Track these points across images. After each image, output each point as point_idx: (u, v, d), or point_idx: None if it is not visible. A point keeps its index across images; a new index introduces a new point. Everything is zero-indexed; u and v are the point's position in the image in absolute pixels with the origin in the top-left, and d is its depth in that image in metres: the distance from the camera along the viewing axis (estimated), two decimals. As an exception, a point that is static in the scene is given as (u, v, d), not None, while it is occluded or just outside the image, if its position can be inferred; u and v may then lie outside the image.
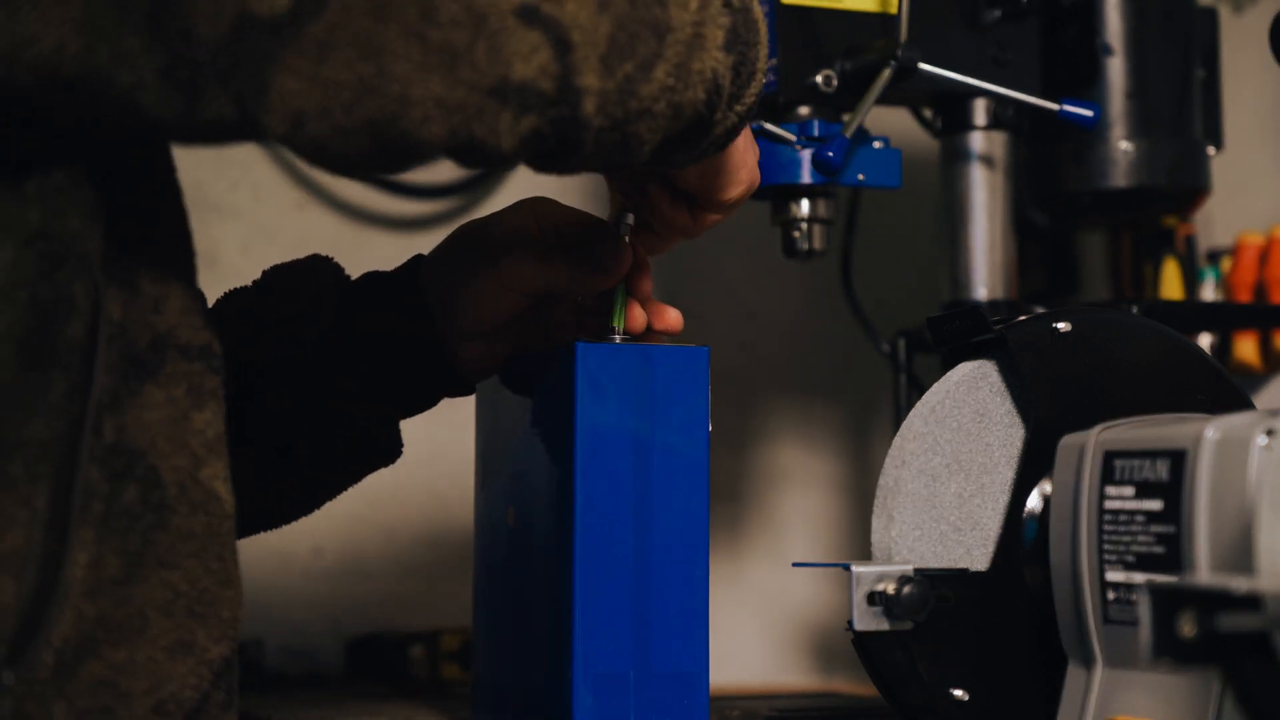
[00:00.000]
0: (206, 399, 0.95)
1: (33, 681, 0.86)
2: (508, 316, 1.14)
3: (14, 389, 0.86)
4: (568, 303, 1.15)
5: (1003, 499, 1.05)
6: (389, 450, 1.19)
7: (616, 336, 1.09)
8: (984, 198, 1.40)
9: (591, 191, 1.67)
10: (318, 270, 1.18)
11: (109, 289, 0.91)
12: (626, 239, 1.10)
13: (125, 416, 0.91)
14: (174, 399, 0.93)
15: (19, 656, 0.86)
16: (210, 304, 1.19)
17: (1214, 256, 1.66)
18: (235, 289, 1.20)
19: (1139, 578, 0.93)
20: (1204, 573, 0.87)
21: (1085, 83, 1.43)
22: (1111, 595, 0.94)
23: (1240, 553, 0.85)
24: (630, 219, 1.10)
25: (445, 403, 1.21)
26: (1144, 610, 0.73)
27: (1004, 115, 1.40)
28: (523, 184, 1.79)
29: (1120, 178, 1.42)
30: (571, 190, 1.76)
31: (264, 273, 1.19)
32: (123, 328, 0.92)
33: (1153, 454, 0.92)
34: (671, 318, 1.13)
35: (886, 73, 1.29)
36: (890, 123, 1.46)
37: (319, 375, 1.15)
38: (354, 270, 1.69)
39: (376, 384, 1.16)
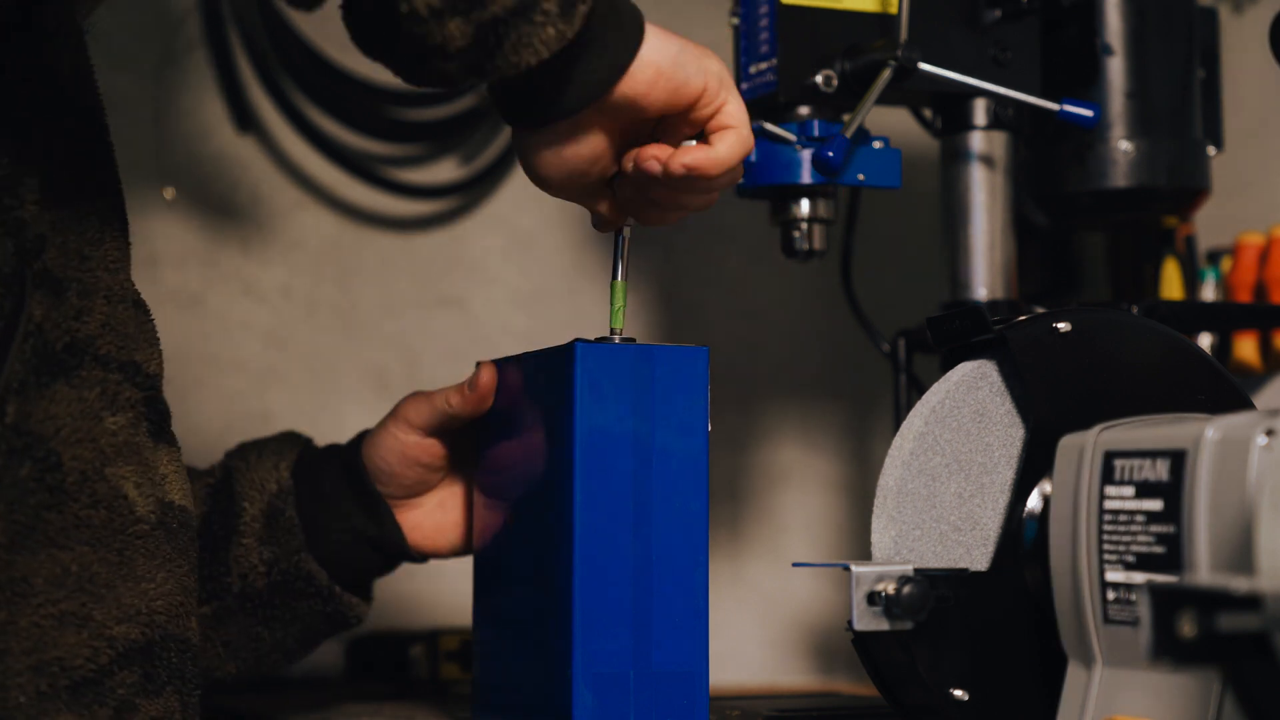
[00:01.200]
0: (122, 406, 1.02)
1: None
2: (416, 472, 1.20)
3: None
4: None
5: (1003, 499, 1.05)
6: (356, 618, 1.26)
7: (616, 337, 1.10)
8: (984, 198, 1.40)
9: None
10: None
11: (35, 294, 0.98)
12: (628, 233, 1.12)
13: (31, 405, 0.97)
14: (84, 399, 1.00)
15: None
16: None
17: (1214, 256, 1.66)
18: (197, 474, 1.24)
19: (1139, 578, 0.92)
20: (1204, 573, 0.87)
21: (1085, 83, 1.42)
22: (1111, 595, 0.94)
23: (1240, 553, 0.84)
24: (627, 230, 1.12)
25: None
26: (1144, 610, 0.73)
27: (1004, 115, 1.40)
28: (523, 185, 1.79)
29: (1120, 178, 1.42)
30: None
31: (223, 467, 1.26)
32: (40, 328, 0.99)
33: (1153, 454, 0.92)
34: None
35: (886, 73, 1.29)
36: (890, 123, 1.46)
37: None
38: (353, 271, 1.70)
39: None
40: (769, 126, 1.32)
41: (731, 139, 1.06)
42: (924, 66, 1.30)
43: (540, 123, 1.04)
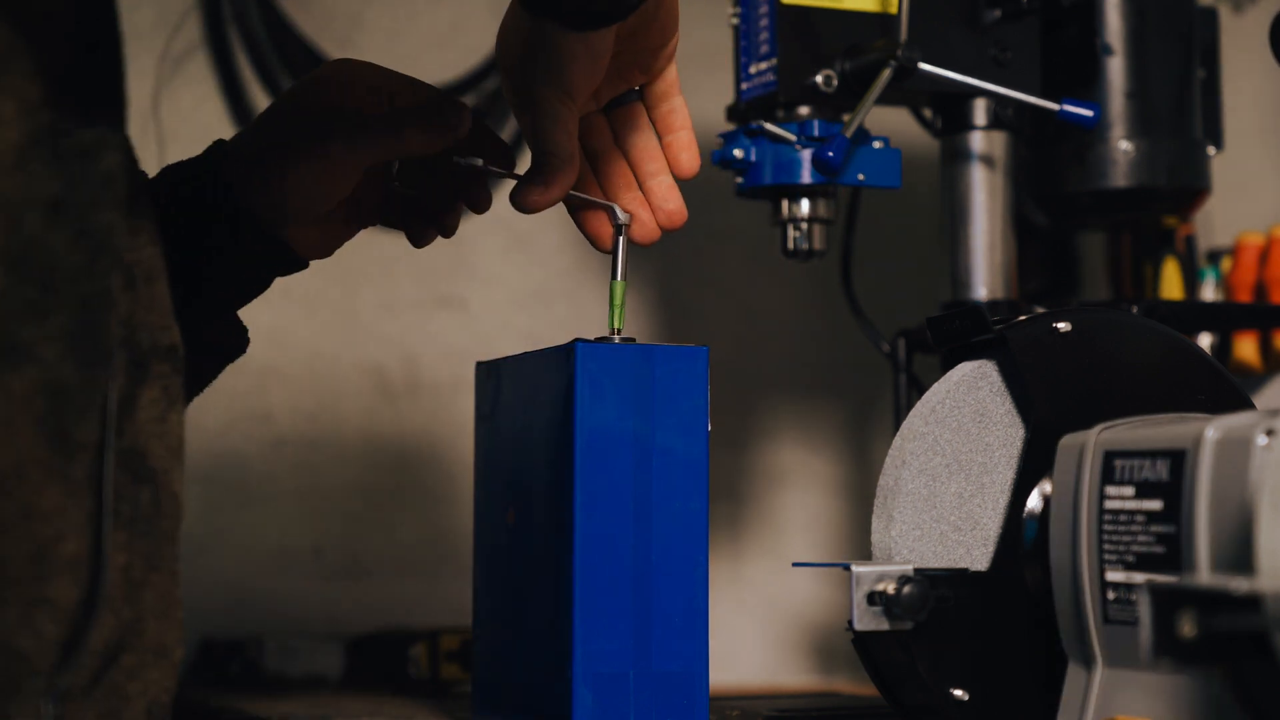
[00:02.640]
0: (175, 401, 0.93)
1: (70, 690, 0.85)
2: (341, 197, 1.08)
3: (75, 390, 0.84)
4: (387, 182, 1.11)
5: (1003, 499, 1.05)
6: (237, 346, 1.15)
7: (616, 336, 1.10)
8: (984, 198, 1.40)
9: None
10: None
11: (119, 282, 0.89)
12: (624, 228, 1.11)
13: (131, 419, 0.90)
14: (155, 401, 0.92)
15: (67, 663, 0.85)
16: None
17: (1214, 256, 1.66)
18: None
19: (1139, 578, 0.92)
20: (1204, 573, 0.87)
21: (1085, 83, 1.42)
22: (1111, 595, 0.94)
23: (1240, 553, 0.84)
24: (620, 214, 1.10)
25: (444, 401, 1.21)
26: (1144, 610, 0.73)
27: (1004, 115, 1.40)
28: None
29: (1120, 178, 1.42)
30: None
31: None
32: (132, 327, 0.90)
33: (1153, 454, 0.92)
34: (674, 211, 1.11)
35: (886, 73, 1.29)
36: (890, 123, 1.46)
37: None
38: (353, 271, 1.70)
39: (201, 299, 1.09)
40: (769, 126, 1.32)
41: (685, 109, 1.09)
42: (924, 66, 1.30)
43: (603, 23, 0.99)
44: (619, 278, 1.12)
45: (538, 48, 1.01)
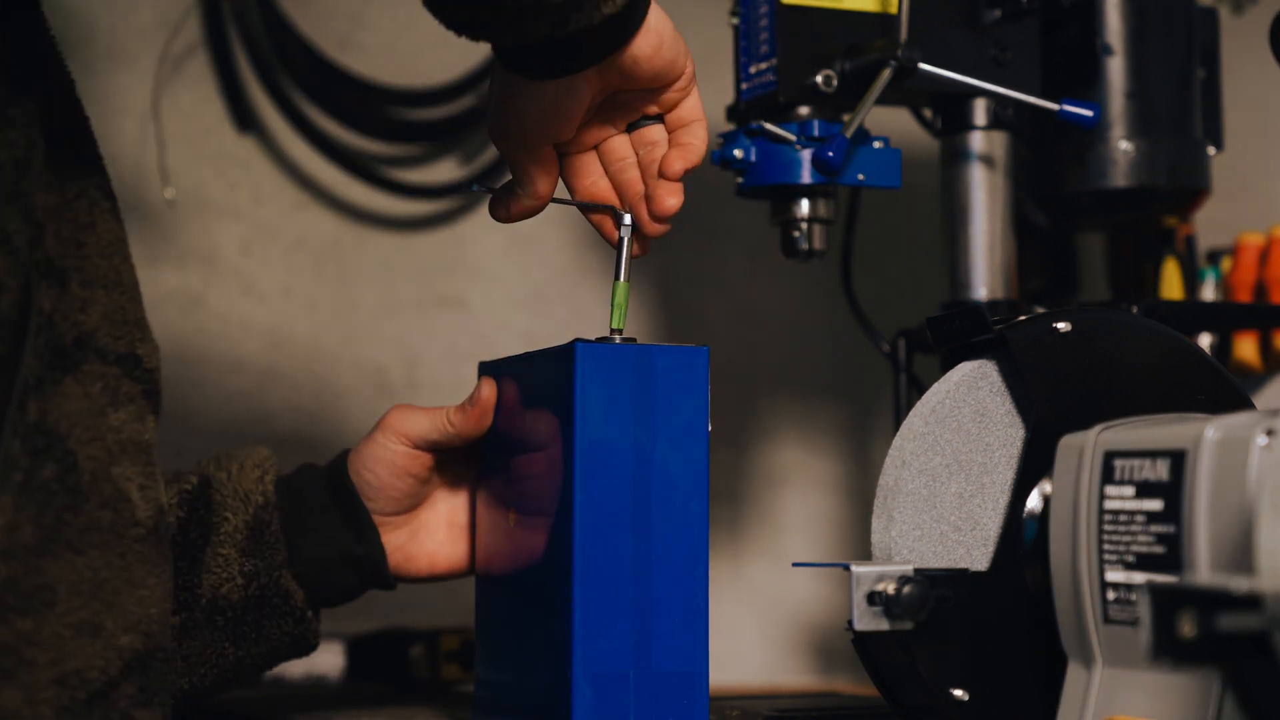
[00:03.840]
0: (123, 401, 1.00)
1: None
2: (407, 484, 1.19)
3: None
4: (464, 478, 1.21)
5: (1003, 499, 1.05)
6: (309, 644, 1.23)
7: (617, 337, 1.10)
8: (984, 198, 1.40)
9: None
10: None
11: (41, 284, 0.96)
12: (629, 236, 1.12)
13: (47, 402, 0.96)
14: (90, 395, 0.98)
15: None
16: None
17: (1214, 256, 1.66)
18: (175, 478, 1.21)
19: (1139, 578, 0.92)
20: (1204, 573, 0.87)
21: (1085, 83, 1.42)
22: (1111, 595, 0.94)
23: (1240, 553, 0.85)
24: (628, 219, 1.11)
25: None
26: (1144, 610, 0.73)
27: (1004, 115, 1.40)
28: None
29: (1120, 178, 1.42)
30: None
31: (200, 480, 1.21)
32: (51, 320, 0.97)
33: (1153, 454, 0.92)
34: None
35: (886, 73, 1.29)
36: (890, 123, 1.46)
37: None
38: (353, 271, 1.70)
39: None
40: (769, 126, 1.32)
41: (702, 131, 1.12)
42: (924, 66, 1.30)
43: (554, 73, 1.03)
44: (622, 279, 1.12)
45: (500, 97, 1.07)
